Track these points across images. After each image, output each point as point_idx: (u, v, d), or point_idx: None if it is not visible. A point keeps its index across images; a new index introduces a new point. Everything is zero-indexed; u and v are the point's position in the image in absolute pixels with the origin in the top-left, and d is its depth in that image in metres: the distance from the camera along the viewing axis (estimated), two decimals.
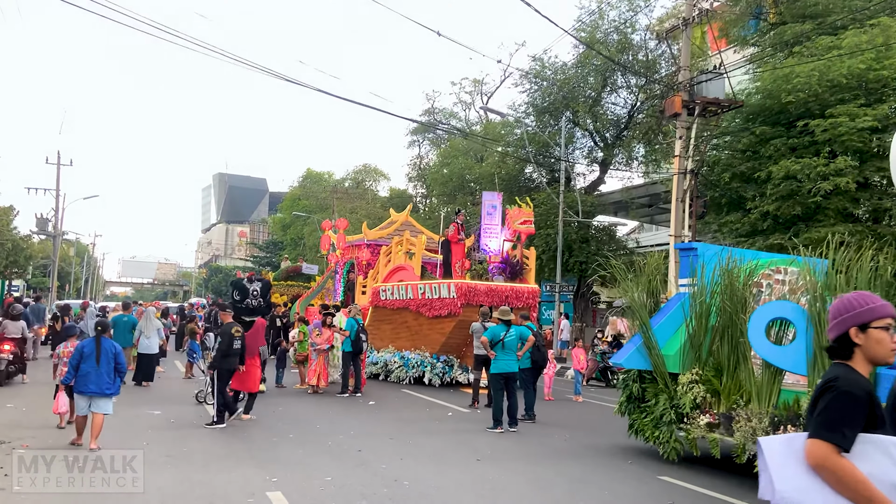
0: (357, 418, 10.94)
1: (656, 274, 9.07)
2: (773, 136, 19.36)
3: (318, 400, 13.00)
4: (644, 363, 8.66)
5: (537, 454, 8.58)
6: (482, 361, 12.83)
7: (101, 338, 8.37)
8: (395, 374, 16.33)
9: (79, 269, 71.20)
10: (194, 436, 9.13)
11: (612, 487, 7.07)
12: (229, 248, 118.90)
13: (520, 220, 16.38)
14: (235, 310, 12.93)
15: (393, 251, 17.77)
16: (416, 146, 51.90)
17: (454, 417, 11.38)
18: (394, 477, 7.11)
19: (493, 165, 36.41)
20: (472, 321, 15.40)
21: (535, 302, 15.99)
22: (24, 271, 43.98)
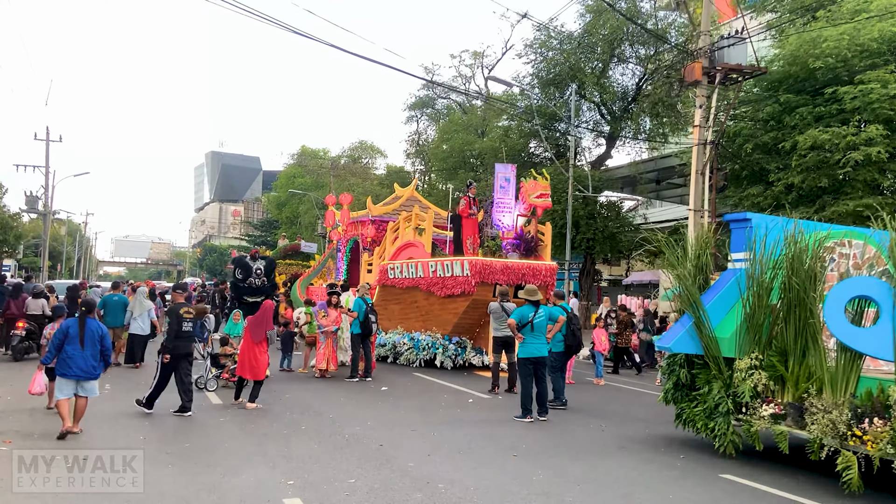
0: (372, 406, 10.11)
1: (706, 247, 8.19)
2: (798, 104, 18.43)
3: (326, 386, 12.17)
4: (694, 347, 7.82)
5: (577, 448, 7.76)
6: (501, 344, 11.99)
7: (85, 318, 7.73)
8: (405, 356, 15.50)
9: (71, 248, 70.03)
10: (196, 428, 8.29)
11: (671, 489, 6.26)
12: (223, 227, 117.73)
13: (535, 193, 15.48)
14: (237, 290, 12.09)
15: (401, 227, 16.85)
16: (415, 122, 50.69)
17: (476, 405, 10.56)
18: (425, 478, 6.29)
19: (496, 140, 35.40)
20: (486, 300, 14.55)
21: (553, 280, 15.13)
22: (14, 251, 42.88)
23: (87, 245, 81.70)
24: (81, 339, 7.56)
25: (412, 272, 15.54)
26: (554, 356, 10.45)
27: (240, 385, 10.03)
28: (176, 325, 9.00)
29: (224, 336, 12.27)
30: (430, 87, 47.35)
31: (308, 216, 56.96)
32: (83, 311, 7.83)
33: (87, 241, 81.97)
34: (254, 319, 9.99)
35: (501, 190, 16.55)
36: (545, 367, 9.42)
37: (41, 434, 7.93)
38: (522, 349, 9.31)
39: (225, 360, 11.68)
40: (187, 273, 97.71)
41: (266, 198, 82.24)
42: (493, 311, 12.00)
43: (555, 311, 9.70)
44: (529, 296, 9.50)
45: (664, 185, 34.13)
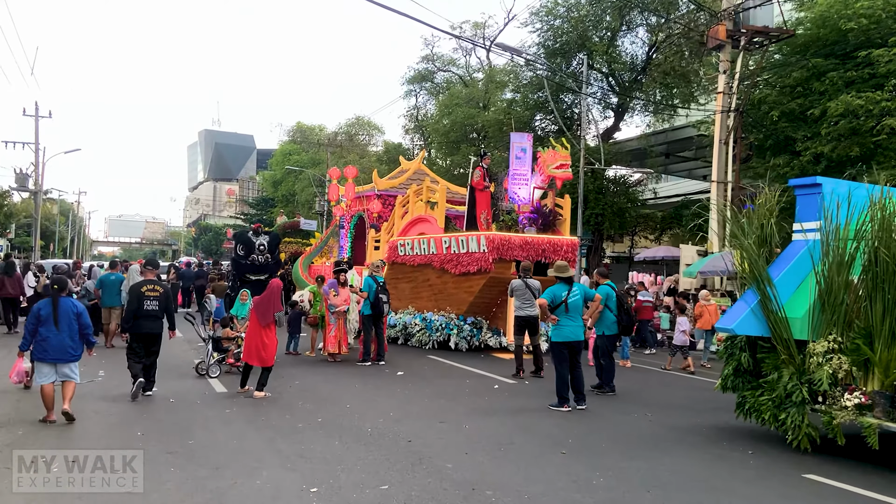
0: (391, 394, 9.26)
1: (769, 216, 7.29)
2: (827, 68, 17.45)
3: (337, 370, 11.31)
4: (761, 328, 6.96)
5: (629, 442, 6.92)
6: (523, 324, 11.14)
7: (58, 298, 7.25)
8: (417, 337, 14.65)
9: (64, 228, 68.80)
10: (199, 421, 7.42)
11: (756, 493, 5.42)
12: (218, 206, 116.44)
13: (555, 163, 14.54)
14: (239, 267, 11.18)
15: (410, 201, 15.89)
16: (413, 96, 49.42)
17: (503, 391, 9.71)
18: (468, 482, 5.44)
19: (501, 112, 34.30)
20: (504, 278, 13.69)
21: (575, 256, 14.25)
22: (5, 230, 41.74)
23: (80, 225, 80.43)
24: (55, 320, 7.09)
25: (424, 248, 14.62)
26: (607, 339, 9.58)
27: (246, 372, 9.17)
28: (135, 304, 8.50)
29: (226, 317, 11.40)
30: (429, 60, 46.03)
31: (305, 194, 55.86)
32: (55, 290, 7.32)
33: (80, 220, 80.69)
34: (260, 300, 9.08)
35: (517, 161, 15.60)
36: (580, 351, 8.51)
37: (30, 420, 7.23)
38: (556, 332, 8.43)
39: (228, 343, 10.83)
40: (182, 252, 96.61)
41: (261, 176, 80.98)
42: (516, 289, 11.13)
43: (590, 291, 8.72)
44: (561, 273, 8.57)
45: (673, 159, 33.19)
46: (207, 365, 10.35)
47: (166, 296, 8.87)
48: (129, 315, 8.62)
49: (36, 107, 39.56)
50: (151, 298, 8.58)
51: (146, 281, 8.94)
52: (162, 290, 8.87)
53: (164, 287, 9.03)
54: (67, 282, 8.00)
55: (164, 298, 8.77)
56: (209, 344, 10.55)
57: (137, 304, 8.52)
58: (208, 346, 10.54)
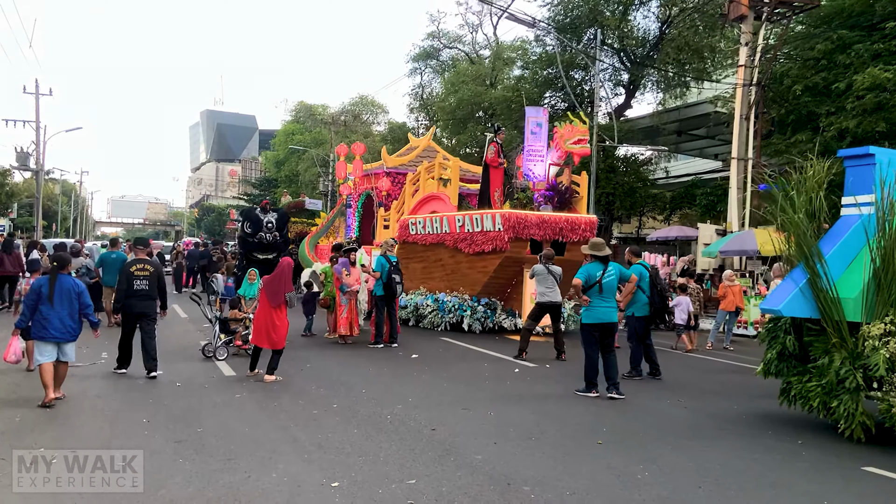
0: (408, 378, 8.83)
1: (818, 189, 6.78)
2: (853, 41, 16.82)
3: (349, 353, 10.88)
4: (809, 309, 6.48)
5: (668, 432, 6.47)
6: (546, 310, 10.73)
7: (57, 275, 7.03)
8: (429, 319, 14.22)
9: (66, 208, 68.39)
10: (208, 407, 7.00)
11: (815, 489, 4.98)
12: (221, 187, 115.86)
13: (572, 138, 14.01)
14: (246, 245, 10.72)
15: (421, 178, 15.37)
16: (418, 74, 48.60)
17: (524, 376, 9.27)
18: (502, 476, 5.00)
19: (509, 90, 33.60)
20: (519, 258, 13.25)
21: (593, 235, 13.73)
22: (6, 209, 41.30)
23: (82, 205, 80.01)
24: (51, 298, 6.87)
25: (437, 227, 14.14)
26: (637, 321, 9.10)
27: (256, 354, 8.74)
28: (125, 284, 8.34)
29: (234, 298, 10.96)
30: (434, 37, 45.17)
31: (308, 174, 55.24)
32: (55, 267, 7.11)
33: (82, 201, 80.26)
34: (270, 280, 8.62)
35: (532, 136, 15.05)
36: (614, 334, 8.02)
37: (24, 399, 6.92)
38: (588, 314, 7.95)
39: (236, 325, 10.39)
40: (185, 233, 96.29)
41: (264, 156, 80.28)
42: (538, 274, 10.66)
43: (625, 271, 8.21)
44: (596, 251, 8.07)
45: (685, 137, 32.51)
46: (214, 347, 9.93)
47: (157, 275, 8.59)
48: (120, 295, 8.44)
49: (36, 84, 38.97)
50: (141, 278, 8.35)
51: (136, 260, 8.69)
52: (153, 268, 8.56)
53: (154, 266, 8.70)
54: (68, 259, 7.63)
55: (154, 277, 8.49)
56: (216, 325, 10.12)
57: (127, 283, 8.32)
58: (215, 328, 10.11)
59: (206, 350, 10.02)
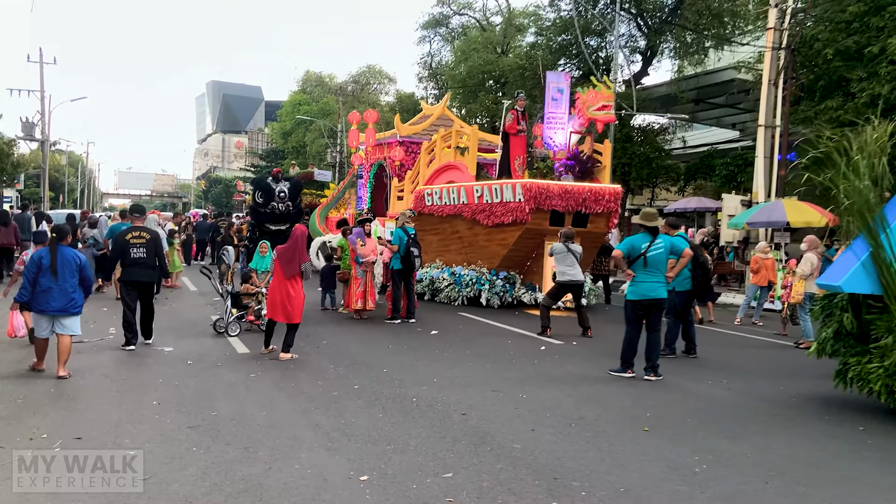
0: (430, 356, 8.39)
1: (880, 154, 6.22)
2: (887, 1, 16.02)
3: (366, 329, 10.45)
4: (872, 285, 5.97)
5: (718, 417, 6.02)
6: (567, 289, 10.29)
7: (58, 246, 6.83)
8: (445, 293, 13.77)
9: (73, 179, 68.01)
10: (222, 388, 6.59)
11: (890, 482, 4.52)
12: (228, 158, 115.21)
13: (596, 105, 13.38)
14: (257, 216, 10.25)
15: (437, 147, 14.79)
16: (428, 43, 47.66)
17: (552, 354, 8.82)
18: (547, 469, 4.56)
19: (520, 57, 32.78)
20: (540, 230, 12.74)
21: (618, 206, 13.21)
22: (13, 180, 40.85)
23: (90, 176, 79.63)
24: (54, 270, 6.65)
25: (454, 198, 13.61)
26: (678, 296, 8.56)
27: (270, 329, 8.32)
28: (118, 253, 8.31)
29: (247, 271, 10.51)
30: (444, 3, 44.09)
31: (316, 145, 54.57)
32: (54, 238, 6.90)
33: (90, 172, 79.85)
34: (284, 250, 8.14)
35: (553, 103, 14.43)
36: (661, 312, 7.45)
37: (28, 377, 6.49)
38: (631, 289, 7.44)
39: (248, 299, 9.97)
40: (193, 205, 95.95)
41: (271, 127, 79.53)
42: (557, 252, 10.18)
43: (679, 243, 7.61)
44: (647, 221, 7.45)
45: (702, 106, 31.62)
46: (226, 322, 9.52)
47: (153, 242, 8.40)
48: (111, 264, 8.53)
49: (40, 53, 38.43)
50: (137, 246, 8.23)
51: (131, 228, 8.53)
52: (149, 236, 8.41)
53: (151, 233, 8.52)
54: (68, 230, 7.35)
55: (151, 245, 8.33)
56: (227, 300, 9.69)
57: (121, 252, 8.25)
58: (227, 303, 9.68)
59: (218, 326, 9.62)
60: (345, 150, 49.59)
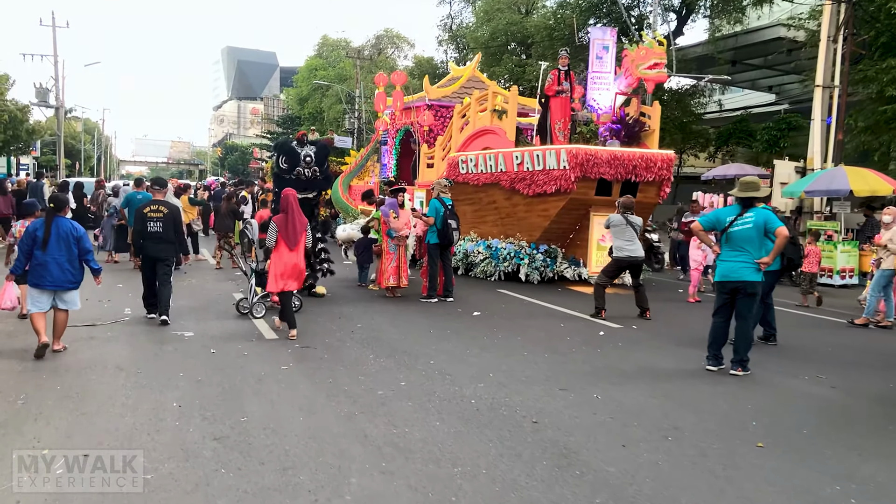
0: (477, 344, 7.51)
1: None
2: None
3: (401, 310, 9.59)
4: None
5: (834, 426, 5.10)
6: (625, 267, 9.34)
7: (54, 217, 6.51)
8: (481, 268, 12.87)
9: (89, 146, 67.42)
10: (251, 384, 5.77)
11: None
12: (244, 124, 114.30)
13: (646, 62, 12.21)
14: (282, 183, 9.36)
15: (472, 110, 13.73)
16: (448, 4, 46.23)
17: (614, 340, 7.92)
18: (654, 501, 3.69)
19: (548, 17, 31.34)
20: (586, 200, 11.76)
21: (670, 175, 12.16)
22: (28, 147, 40.22)
23: (106, 143, 79.09)
24: (46, 242, 6.36)
25: (491, 165, 12.62)
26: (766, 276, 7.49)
27: (288, 304, 7.72)
28: (140, 226, 8.13)
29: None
30: None
31: (333, 111, 53.44)
32: (51, 209, 6.56)
33: (106, 139, 79.29)
34: (282, 220, 7.71)
35: (598, 62, 13.33)
36: (752, 297, 6.43)
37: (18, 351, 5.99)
38: (717, 269, 6.49)
39: None
40: (209, 173, 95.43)
41: (286, 93, 78.37)
42: (615, 225, 9.21)
43: (772, 219, 6.45)
44: (746, 191, 6.40)
45: (739, 67, 30.08)
46: (251, 303, 8.71)
47: (171, 217, 8.18)
48: (137, 237, 8.43)
49: (52, 16, 37.56)
50: (155, 220, 8.05)
51: (150, 201, 8.42)
52: (167, 209, 8.19)
53: (169, 207, 8.32)
54: (66, 201, 6.87)
55: (168, 220, 8.12)
56: (252, 278, 8.86)
57: (142, 225, 8.09)
58: (251, 281, 8.85)
59: (241, 306, 8.82)
60: (363, 117, 48.54)
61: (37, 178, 21.89)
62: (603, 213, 12.00)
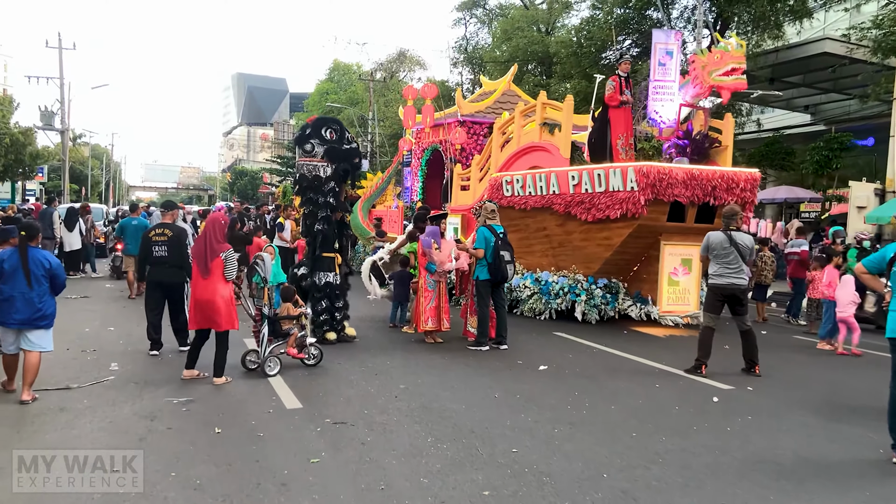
0: (567, 420, 5.72)
1: None
2: None
3: (449, 361, 7.83)
4: None
5: None
6: (726, 297, 7.50)
7: (27, 248, 5.87)
8: (529, 305, 11.14)
9: (97, 171, 66.44)
10: (268, 489, 4.04)
11: None
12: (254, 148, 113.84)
13: (722, 68, 10.59)
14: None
15: (516, 124, 12.09)
16: (463, 25, 45.32)
17: (734, 409, 6.13)
18: None
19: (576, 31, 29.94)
20: (656, 226, 10.05)
21: (754, 196, 10.43)
22: (31, 172, 38.92)
23: (115, 169, 78.27)
24: (27, 275, 5.73)
25: (541, 187, 10.94)
26: None
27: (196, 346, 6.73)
28: (143, 251, 7.79)
29: (287, 287, 7.85)
30: None
31: None
32: (23, 238, 5.89)
33: (116, 165, 78.51)
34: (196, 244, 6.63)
35: (661, 68, 11.65)
36: None
37: None
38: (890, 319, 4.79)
39: (288, 324, 7.35)
40: (219, 198, 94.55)
41: (297, 118, 77.72)
42: (715, 246, 7.45)
43: None
44: None
45: (777, 85, 28.40)
46: (263, 356, 6.97)
47: (176, 240, 7.71)
48: (140, 263, 8.09)
49: (59, 38, 36.54)
50: (159, 244, 7.64)
51: (157, 224, 8.19)
52: (171, 233, 7.74)
53: (174, 230, 7.83)
54: (38, 229, 6.27)
55: (173, 243, 7.67)
56: (264, 326, 7.11)
57: (146, 250, 7.76)
58: (263, 329, 7.11)
59: (248, 361, 7.08)
60: (376, 140, 47.31)
61: (48, 203, 20.35)
62: (676, 241, 10.31)
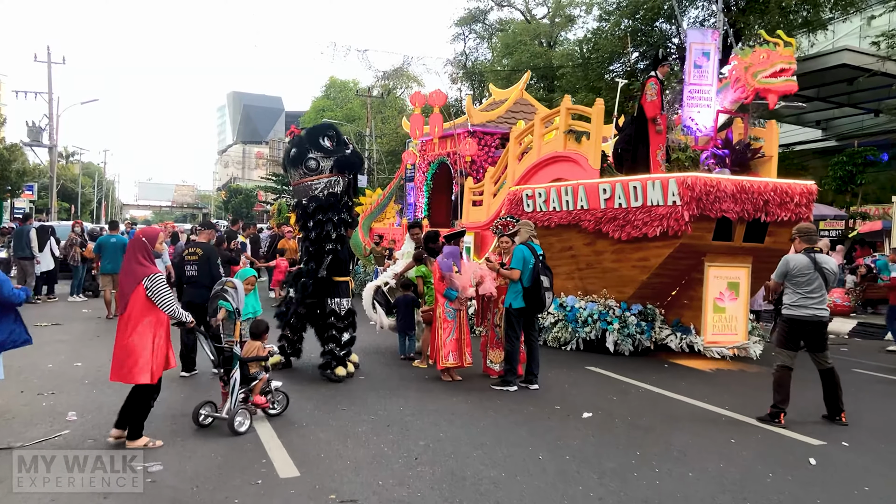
0: (641, 499, 4.51)
1: None
2: None
3: (474, 407, 6.58)
4: None
5: None
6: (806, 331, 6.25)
7: None
8: (553, 334, 9.92)
9: (90, 189, 65.20)
10: None
11: None
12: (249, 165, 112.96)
13: (769, 69, 9.49)
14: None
15: (536, 133, 10.93)
16: (462, 41, 44.56)
17: (836, 473, 4.90)
18: None
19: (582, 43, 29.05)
20: (701, 246, 8.86)
21: (810, 211, 9.29)
22: (17, 189, 37.67)
23: (108, 187, 77.04)
24: None
25: (568, 201, 9.76)
26: None
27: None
28: (179, 270, 7.81)
29: (258, 321, 6.52)
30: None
31: None
32: None
33: (109, 183, 77.30)
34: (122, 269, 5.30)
35: (696, 71, 10.56)
36: None
37: None
38: None
39: (256, 368, 6.00)
40: (213, 216, 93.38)
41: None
42: (797, 272, 6.21)
43: None
44: None
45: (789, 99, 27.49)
46: (233, 407, 5.61)
47: (206, 259, 7.50)
48: (178, 283, 8.04)
49: (48, 52, 35.44)
50: (191, 263, 7.51)
51: (188, 243, 8.25)
52: (202, 251, 7.57)
53: (204, 249, 7.63)
54: None
55: (203, 262, 7.48)
56: (235, 369, 5.75)
57: (181, 269, 7.73)
58: (233, 374, 5.74)
59: (201, 416, 5.64)
60: (373, 157, 46.29)
61: (23, 220, 19.05)
62: (722, 262, 9.13)
